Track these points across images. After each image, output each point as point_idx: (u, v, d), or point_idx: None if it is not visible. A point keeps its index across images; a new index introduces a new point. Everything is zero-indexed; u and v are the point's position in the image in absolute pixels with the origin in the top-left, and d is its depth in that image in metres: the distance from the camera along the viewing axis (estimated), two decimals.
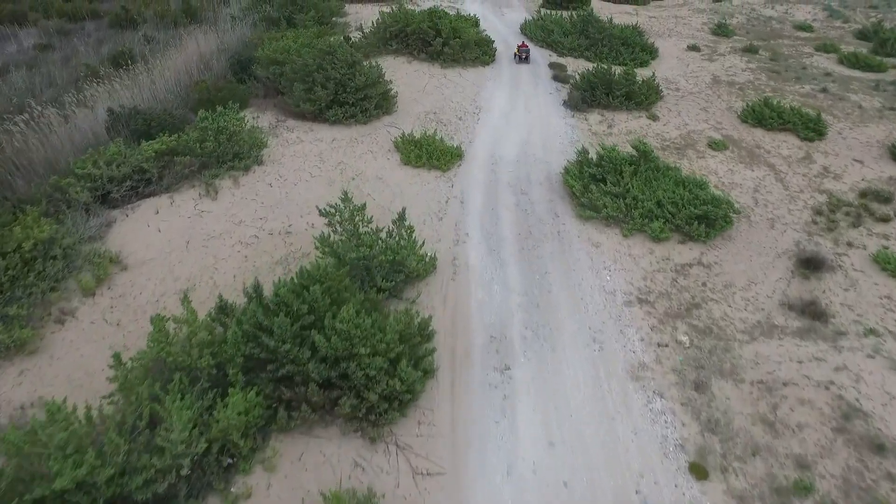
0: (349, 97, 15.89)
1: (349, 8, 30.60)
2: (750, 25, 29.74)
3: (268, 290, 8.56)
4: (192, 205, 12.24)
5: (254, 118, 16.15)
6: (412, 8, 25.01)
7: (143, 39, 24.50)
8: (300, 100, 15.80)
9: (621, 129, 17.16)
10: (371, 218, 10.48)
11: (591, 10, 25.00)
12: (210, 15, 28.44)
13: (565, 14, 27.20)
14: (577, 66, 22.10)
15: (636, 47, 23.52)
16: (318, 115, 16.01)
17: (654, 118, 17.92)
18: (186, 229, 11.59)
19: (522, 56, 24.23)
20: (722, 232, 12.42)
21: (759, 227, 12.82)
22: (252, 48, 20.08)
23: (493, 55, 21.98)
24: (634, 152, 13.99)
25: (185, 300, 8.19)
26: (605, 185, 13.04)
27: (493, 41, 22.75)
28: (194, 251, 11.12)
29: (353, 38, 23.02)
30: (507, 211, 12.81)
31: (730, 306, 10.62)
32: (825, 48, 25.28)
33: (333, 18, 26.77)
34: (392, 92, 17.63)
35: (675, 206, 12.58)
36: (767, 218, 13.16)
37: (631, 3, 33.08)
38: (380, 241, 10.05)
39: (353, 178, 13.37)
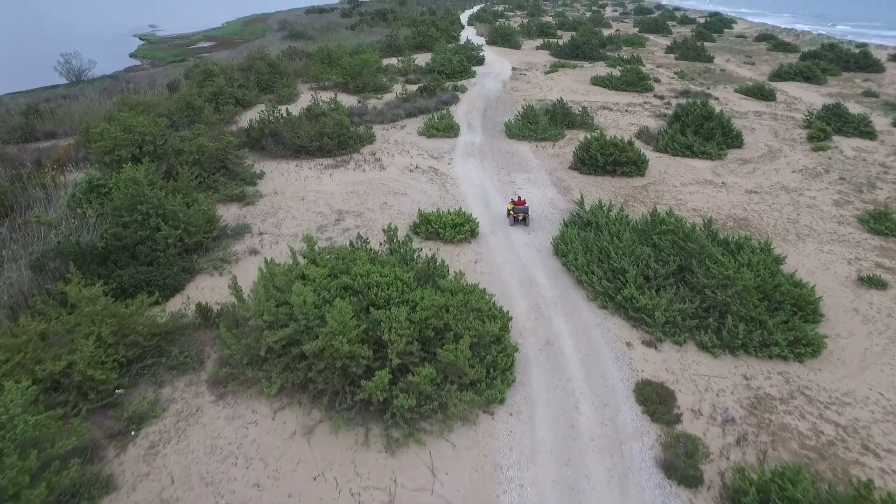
0: None
1: (273, 176, 18.81)
2: None
3: None
4: None
5: None
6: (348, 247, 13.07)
7: None
8: None
9: None
10: None
11: (678, 220, 13.07)
12: (30, 196, 16.54)
13: (624, 208, 15.29)
14: (695, 381, 9.80)
15: (784, 301, 11.46)
16: None
17: None
18: None
19: (519, 217, 15.09)
20: None
21: None
22: None
23: (511, 373, 9.65)
24: None
25: None
26: None
27: (509, 324, 10.57)
28: None
29: (216, 309, 10.87)
30: None
31: None
32: None
33: (223, 219, 14.77)
34: None
35: None
36: None
37: (701, 158, 21.53)
38: None
39: None
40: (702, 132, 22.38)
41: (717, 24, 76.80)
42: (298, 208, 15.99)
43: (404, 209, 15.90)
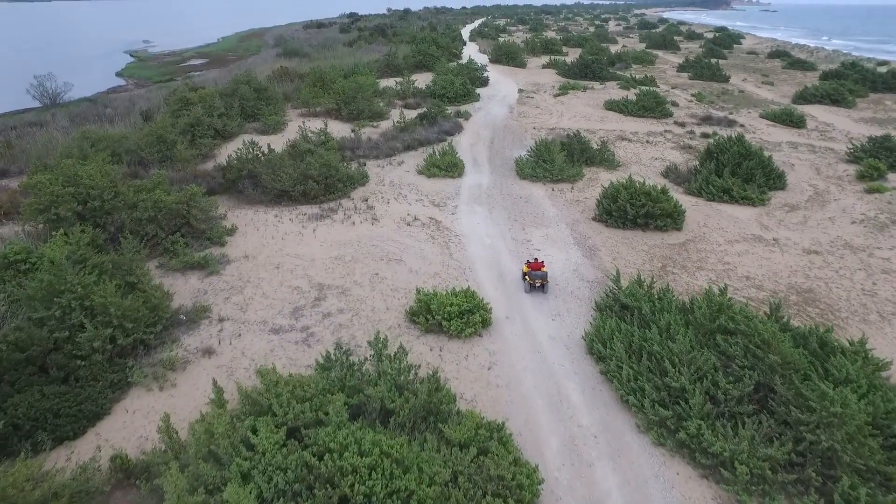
0: None
1: (246, 231, 16.01)
2: None
3: None
4: None
5: None
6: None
7: None
8: None
9: None
10: None
11: (747, 316, 10.29)
12: None
13: (670, 287, 12.48)
14: None
15: None
16: None
17: None
18: None
19: (536, 284, 12.81)
20: None
21: None
22: None
23: None
24: None
25: None
26: None
27: (540, 486, 7.66)
28: None
29: (141, 460, 7.98)
30: None
31: None
32: None
33: (176, 297, 11.87)
34: None
35: None
36: None
37: (742, 204, 18.72)
38: None
39: None
40: (739, 172, 19.60)
41: (725, 39, 74.56)
42: (271, 281, 13.14)
43: (399, 283, 13.05)
